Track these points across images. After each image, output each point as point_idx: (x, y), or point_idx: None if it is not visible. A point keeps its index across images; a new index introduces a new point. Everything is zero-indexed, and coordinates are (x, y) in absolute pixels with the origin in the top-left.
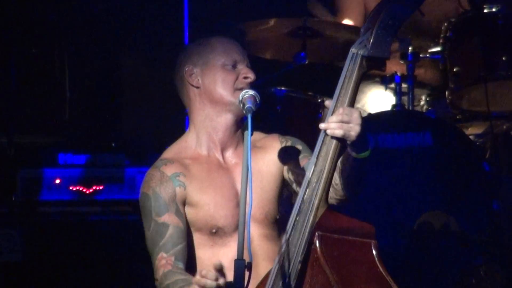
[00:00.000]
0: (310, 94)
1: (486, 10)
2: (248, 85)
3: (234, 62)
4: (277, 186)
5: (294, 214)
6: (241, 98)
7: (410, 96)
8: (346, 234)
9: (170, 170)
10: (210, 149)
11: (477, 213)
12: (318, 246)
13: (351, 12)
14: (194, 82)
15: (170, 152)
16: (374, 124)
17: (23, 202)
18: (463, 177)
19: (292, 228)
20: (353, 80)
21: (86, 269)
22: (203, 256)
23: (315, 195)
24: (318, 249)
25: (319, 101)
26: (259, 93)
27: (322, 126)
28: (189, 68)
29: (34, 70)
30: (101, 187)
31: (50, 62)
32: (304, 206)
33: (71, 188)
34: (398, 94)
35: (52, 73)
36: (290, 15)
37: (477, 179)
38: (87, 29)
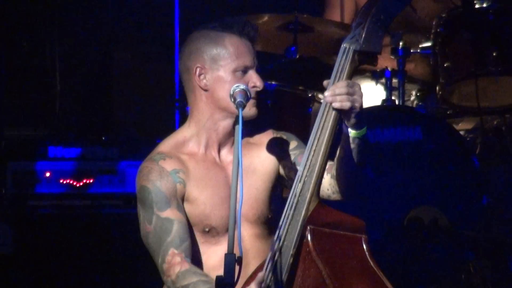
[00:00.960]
0: (300, 88)
1: (477, 6)
2: (256, 93)
3: (245, 68)
4: (272, 185)
5: (287, 208)
6: (232, 92)
7: (401, 91)
8: (337, 229)
9: (169, 165)
10: (208, 147)
11: (466, 208)
12: (310, 240)
13: (342, 8)
14: (202, 84)
15: (166, 145)
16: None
17: (13, 195)
18: (453, 172)
19: (284, 222)
20: (344, 74)
21: (77, 262)
22: (195, 251)
23: (307, 189)
24: (310, 242)
25: (310, 95)
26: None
27: (328, 99)
28: (198, 67)
29: (25, 63)
30: (91, 181)
31: (41, 55)
32: (296, 200)
33: (62, 181)
34: (388, 89)
35: (42, 66)
36: (281, 11)
37: (467, 174)
38: (78, 22)
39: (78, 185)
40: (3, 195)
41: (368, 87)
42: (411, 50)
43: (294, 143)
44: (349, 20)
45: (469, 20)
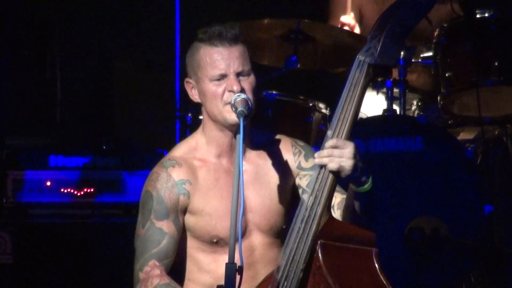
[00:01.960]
0: (301, 98)
1: (478, 15)
2: (241, 100)
3: (220, 76)
4: (288, 197)
5: (297, 221)
6: (233, 102)
7: (402, 101)
8: (348, 242)
9: (177, 174)
10: (219, 155)
11: (468, 218)
12: (321, 255)
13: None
14: (194, 98)
15: (179, 150)
16: (366, 128)
17: (14, 204)
18: (454, 182)
19: (294, 236)
20: (359, 87)
21: (77, 271)
22: (204, 260)
23: (318, 203)
24: (320, 257)
25: (310, 105)
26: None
27: (315, 161)
28: (187, 82)
29: (26, 72)
30: (92, 190)
31: (42, 64)
32: (307, 214)
33: (62, 190)
34: (389, 98)
35: (43, 75)
36: (283, 17)
37: (468, 184)
38: (79, 31)
39: (78, 194)
40: (4, 204)
41: (369, 97)
42: (412, 60)
43: (311, 161)
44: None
45: (470, 30)
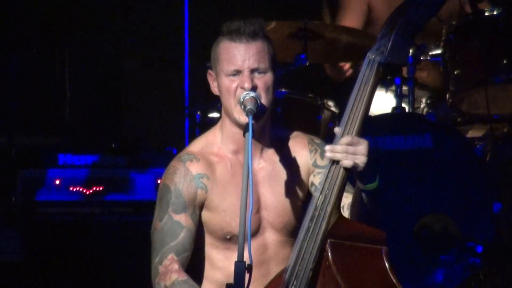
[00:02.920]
0: (310, 96)
1: (487, 14)
2: (251, 99)
3: (235, 71)
4: (302, 194)
5: (307, 220)
6: (242, 100)
7: (411, 98)
8: (358, 241)
9: (195, 168)
10: (236, 151)
11: (477, 216)
12: (330, 254)
13: (354, 10)
14: (214, 90)
15: (197, 145)
16: (375, 126)
17: (23, 203)
18: (463, 180)
19: (304, 234)
20: (369, 86)
21: (86, 270)
22: (217, 256)
23: (328, 202)
24: (330, 257)
25: (319, 103)
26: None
27: (327, 155)
28: (210, 73)
29: (35, 70)
30: (101, 188)
31: (51, 63)
32: (317, 213)
33: (71, 188)
34: (398, 96)
35: (52, 73)
36: (290, 18)
37: (477, 182)
38: (88, 30)
39: (87, 192)
40: (13, 203)
41: (378, 95)
42: (421, 58)
43: (327, 160)
44: (361, 23)
45: (479, 28)
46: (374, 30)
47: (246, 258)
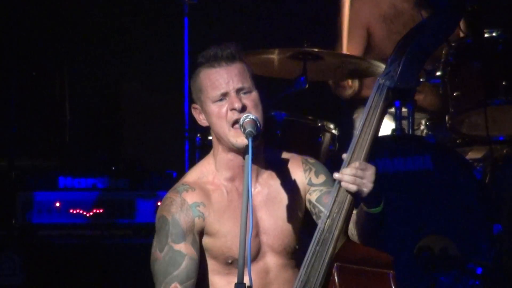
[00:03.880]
0: (310, 118)
1: (486, 35)
2: (240, 114)
3: (221, 94)
4: (299, 215)
5: (314, 244)
6: (241, 122)
7: (410, 120)
8: (364, 265)
9: (191, 198)
10: (231, 178)
11: (477, 237)
12: (337, 278)
13: (353, 35)
14: (202, 123)
15: (191, 175)
16: (374, 148)
17: (23, 225)
18: (463, 201)
19: (310, 258)
20: (378, 110)
21: None
22: (218, 282)
23: (336, 227)
24: (337, 280)
25: (319, 125)
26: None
27: (336, 176)
28: (194, 107)
29: (35, 93)
30: (101, 211)
31: (51, 85)
32: (323, 237)
33: (71, 211)
34: (398, 118)
35: (52, 96)
36: (290, 43)
37: (477, 204)
38: (88, 52)
39: (88, 215)
40: (13, 225)
41: None
42: (421, 79)
43: (322, 177)
44: (362, 49)
45: (478, 49)
46: (374, 55)
47: (247, 281)
